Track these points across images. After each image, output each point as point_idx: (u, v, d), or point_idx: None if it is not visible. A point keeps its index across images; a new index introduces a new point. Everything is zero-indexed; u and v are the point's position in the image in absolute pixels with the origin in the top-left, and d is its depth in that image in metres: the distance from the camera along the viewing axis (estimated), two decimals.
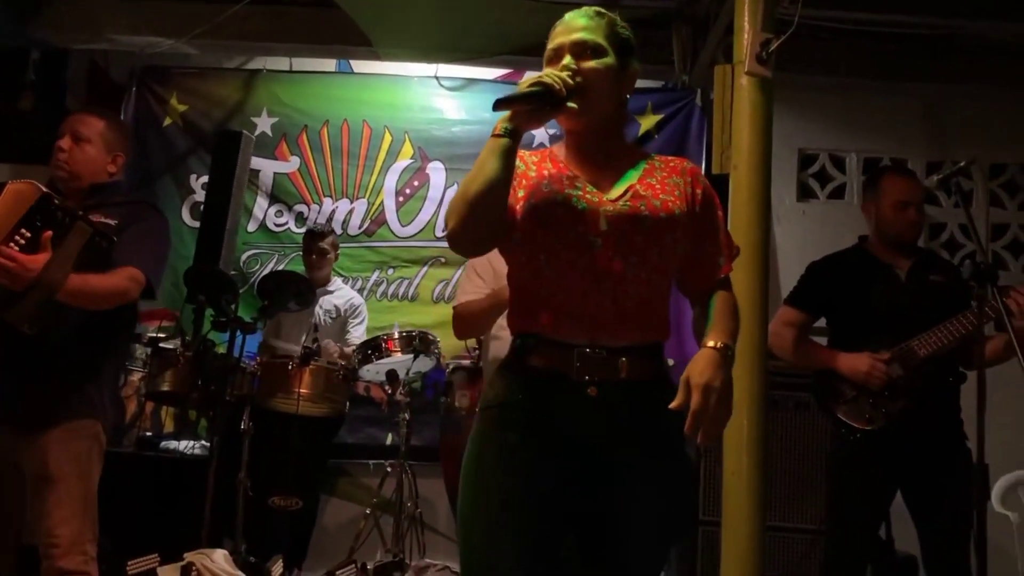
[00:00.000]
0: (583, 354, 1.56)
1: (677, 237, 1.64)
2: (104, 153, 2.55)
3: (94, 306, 2.34)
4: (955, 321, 2.73)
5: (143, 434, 4.56)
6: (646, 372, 1.60)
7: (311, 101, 5.18)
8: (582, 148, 1.71)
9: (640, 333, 1.61)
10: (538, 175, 1.67)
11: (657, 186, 1.67)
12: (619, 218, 1.60)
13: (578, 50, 1.65)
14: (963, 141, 4.94)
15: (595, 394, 1.56)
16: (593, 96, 1.63)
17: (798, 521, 3.59)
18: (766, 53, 2.55)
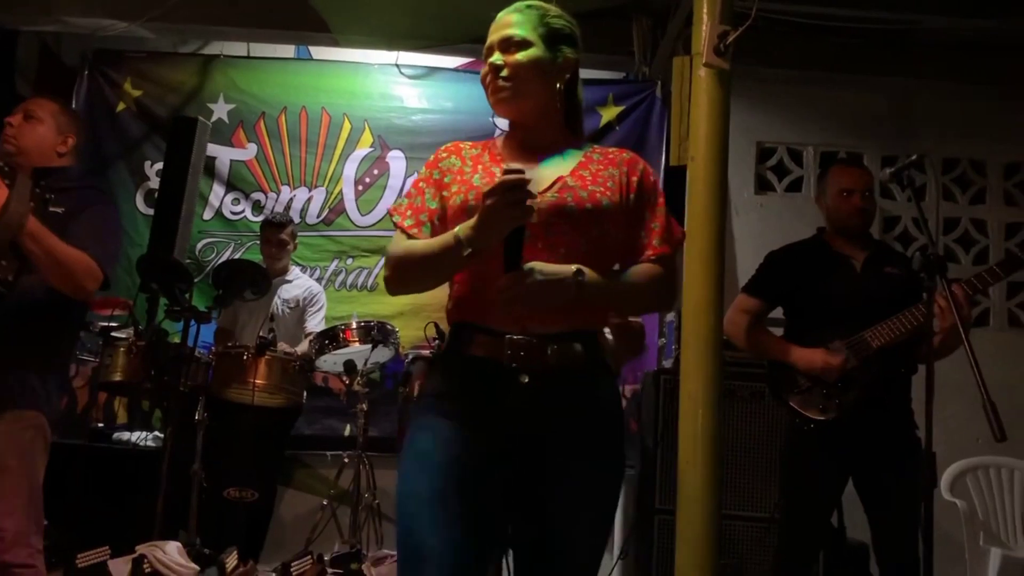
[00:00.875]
0: (513, 342, 1.59)
1: (605, 228, 1.67)
2: (54, 133, 2.50)
3: (54, 269, 2.25)
4: (907, 313, 2.78)
5: (95, 425, 4.49)
6: (577, 359, 1.63)
7: (269, 88, 5.10)
8: (520, 138, 1.77)
9: (569, 321, 1.63)
10: (473, 169, 1.71)
11: (589, 177, 1.70)
12: (546, 210, 1.62)
13: (504, 46, 1.71)
14: (918, 136, 5.02)
15: (526, 381, 1.59)
16: (521, 88, 1.69)
17: (752, 509, 3.64)
18: (724, 45, 2.55)
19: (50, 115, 2.50)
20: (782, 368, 2.94)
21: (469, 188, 1.66)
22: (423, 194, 1.74)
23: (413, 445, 1.63)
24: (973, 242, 5.09)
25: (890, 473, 2.78)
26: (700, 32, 2.63)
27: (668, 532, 3.02)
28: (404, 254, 1.68)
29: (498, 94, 1.71)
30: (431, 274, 1.69)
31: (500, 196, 1.51)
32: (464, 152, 1.76)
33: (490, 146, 1.78)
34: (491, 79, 1.71)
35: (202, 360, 3.83)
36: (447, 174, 1.73)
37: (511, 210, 1.51)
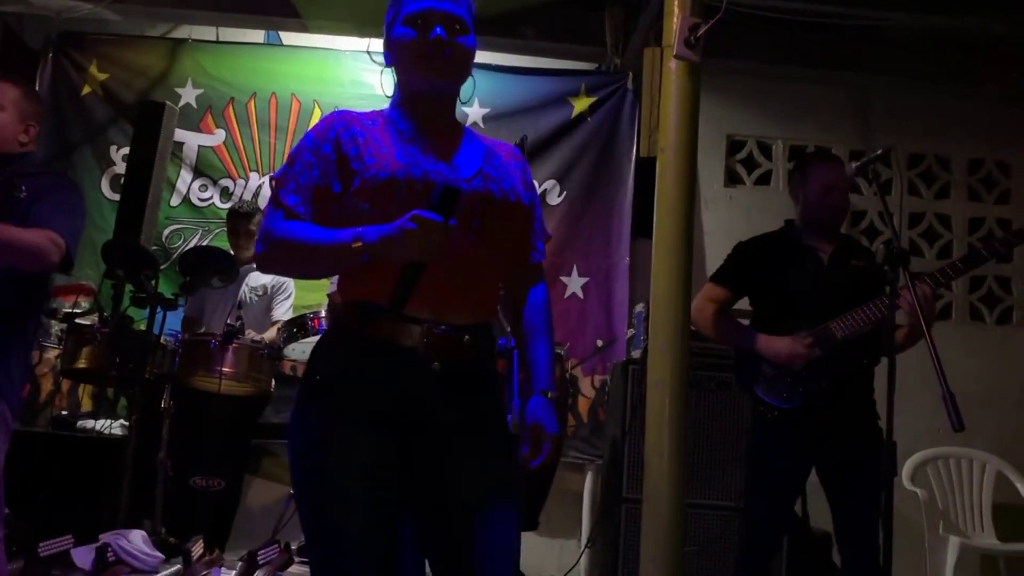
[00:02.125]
0: (430, 331, 1.57)
1: (517, 220, 1.70)
2: (16, 121, 2.44)
3: (10, 257, 2.22)
4: (872, 305, 2.82)
5: (59, 413, 4.43)
6: (484, 349, 1.66)
7: (238, 73, 5.05)
8: (422, 120, 1.68)
9: (482, 311, 1.65)
10: (384, 143, 1.62)
11: (500, 168, 1.71)
12: (472, 199, 1.60)
13: (450, 23, 1.64)
14: (885, 131, 5.09)
15: (438, 369, 1.58)
16: (461, 72, 1.68)
17: (717, 498, 3.68)
18: (694, 38, 2.58)
19: (11, 103, 2.43)
20: (748, 357, 2.97)
21: (394, 165, 1.57)
22: (310, 169, 1.60)
23: (311, 435, 1.56)
24: (937, 236, 5.17)
25: (852, 462, 2.83)
26: (671, 24, 2.65)
27: (635, 520, 3.05)
28: (290, 238, 1.56)
29: (441, 70, 1.64)
30: (320, 265, 1.65)
31: (424, 231, 1.43)
32: (362, 122, 1.65)
33: (386, 120, 1.68)
34: (434, 52, 1.62)
35: (168, 348, 3.79)
36: (351, 146, 1.60)
37: (428, 248, 1.44)
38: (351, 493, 1.51)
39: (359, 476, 1.52)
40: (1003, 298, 5.14)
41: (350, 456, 1.52)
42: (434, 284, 1.54)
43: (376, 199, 1.56)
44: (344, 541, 1.50)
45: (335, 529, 1.51)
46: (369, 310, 1.57)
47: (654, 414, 2.59)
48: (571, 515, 4.61)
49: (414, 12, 1.64)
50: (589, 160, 4.99)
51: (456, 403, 1.59)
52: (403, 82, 1.70)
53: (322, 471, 1.53)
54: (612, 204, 4.96)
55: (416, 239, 1.43)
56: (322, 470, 1.53)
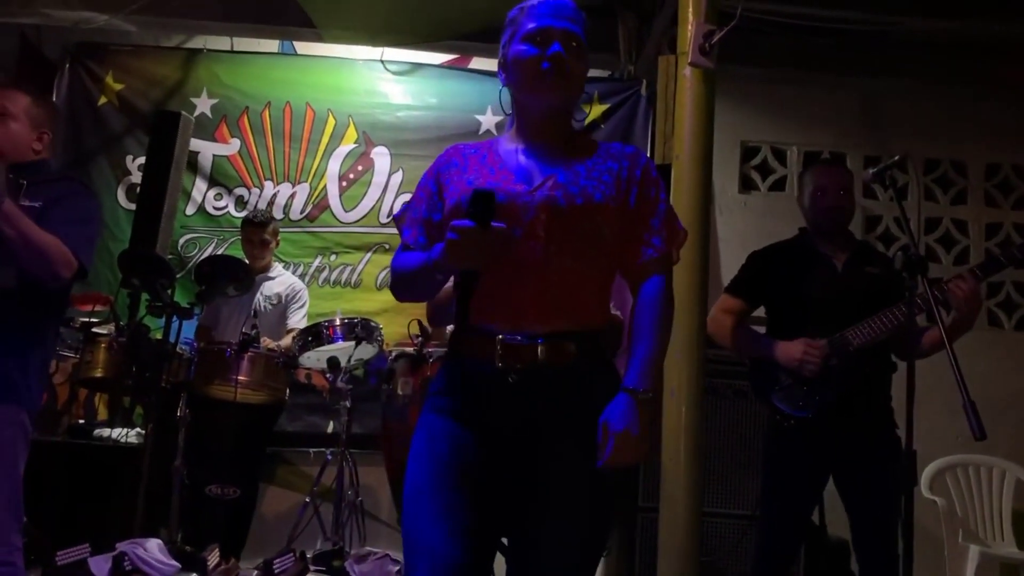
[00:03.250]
0: (503, 342, 1.59)
1: (598, 224, 1.65)
2: (29, 130, 2.45)
3: (28, 253, 2.22)
4: (888, 312, 2.79)
5: (76, 422, 4.45)
6: (568, 357, 1.61)
7: (253, 82, 5.07)
8: (526, 134, 1.73)
9: (565, 320, 1.62)
10: (469, 170, 1.70)
11: (584, 173, 1.68)
12: (536, 208, 1.61)
13: (565, 39, 1.67)
14: (900, 136, 5.06)
15: (515, 381, 1.58)
16: (573, 90, 1.71)
17: (734, 507, 3.66)
18: (709, 45, 2.58)
19: (23, 111, 2.44)
20: (764, 365, 2.95)
21: (463, 190, 1.64)
22: (421, 204, 1.75)
23: (413, 443, 1.66)
24: (954, 242, 5.13)
25: (870, 471, 2.80)
26: (685, 32, 2.64)
27: (651, 529, 3.04)
28: (398, 268, 1.73)
29: (552, 85, 1.67)
30: (419, 288, 1.74)
31: (463, 237, 1.48)
32: (464, 152, 1.75)
33: (488, 148, 1.75)
34: (551, 68, 1.65)
35: (184, 356, 3.80)
36: (446, 176, 1.72)
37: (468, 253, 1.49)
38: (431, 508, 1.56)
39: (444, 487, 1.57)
40: (1021, 304, 5.09)
41: (439, 467, 1.59)
42: (508, 295, 1.59)
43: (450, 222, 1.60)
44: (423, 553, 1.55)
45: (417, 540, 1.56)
46: (461, 329, 1.66)
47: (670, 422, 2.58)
48: None
49: (534, 30, 1.68)
50: None
51: (535, 415, 1.60)
52: (519, 100, 1.74)
53: (410, 477, 1.62)
54: None
55: (457, 247, 1.49)
56: (410, 476, 1.62)
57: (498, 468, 1.59)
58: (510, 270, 1.58)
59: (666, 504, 2.59)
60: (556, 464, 1.60)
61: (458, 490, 1.57)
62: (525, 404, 1.60)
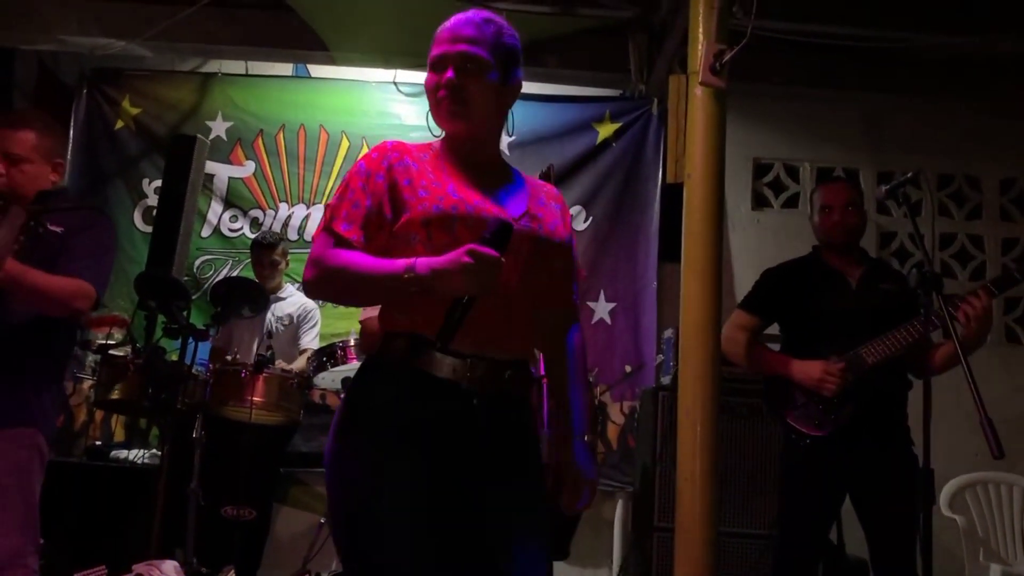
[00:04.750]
0: (473, 365, 1.58)
1: (559, 260, 1.73)
2: (43, 165, 2.47)
3: (37, 304, 2.27)
4: (903, 329, 2.78)
5: (93, 443, 4.47)
6: (524, 386, 1.67)
7: (267, 105, 5.12)
8: (461, 153, 1.71)
9: (522, 348, 1.68)
10: (437, 178, 1.64)
11: (545, 209, 1.73)
12: (520, 239, 1.61)
13: (462, 64, 1.64)
14: (913, 152, 5.04)
15: (479, 404, 1.58)
16: (476, 112, 1.65)
17: (750, 526, 3.63)
18: (720, 64, 2.58)
19: (31, 150, 2.44)
20: (779, 384, 2.94)
21: (448, 200, 1.60)
22: (363, 197, 1.61)
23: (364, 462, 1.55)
24: (970, 257, 5.10)
25: (887, 489, 2.78)
26: (696, 51, 2.65)
27: (667, 549, 3.01)
28: (340, 265, 1.56)
29: (451, 113, 1.65)
30: (368, 294, 1.68)
31: (482, 265, 1.45)
32: (415, 155, 1.67)
33: (438, 155, 1.70)
34: (444, 95, 1.64)
35: (200, 378, 3.82)
36: (405, 176, 1.62)
37: (482, 282, 1.46)
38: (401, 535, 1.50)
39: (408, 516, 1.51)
40: None
41: (397, 495, 1.51)
42: (478, 319, 1.54)
43: (429, 231, 1.58)
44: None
45: (378, 566, 1.51)
46: (416, 342, 1.58)
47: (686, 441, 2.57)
48: (602, 543, 4.57)
49: (433, 58, 1.68)
50: (614, 185, 5.00)
51: (495, 438, 1.60)
52: None
53: (369, 510, 1.52)
54: (638, 229, 4.96)
55: (472, 273, 1.45)
56: (369, 509, 1.52)
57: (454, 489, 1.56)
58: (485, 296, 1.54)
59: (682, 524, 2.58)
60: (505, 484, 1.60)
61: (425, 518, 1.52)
62: (484, 426, 1.59)
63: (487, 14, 1.71)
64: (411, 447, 1.54)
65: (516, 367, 1.64)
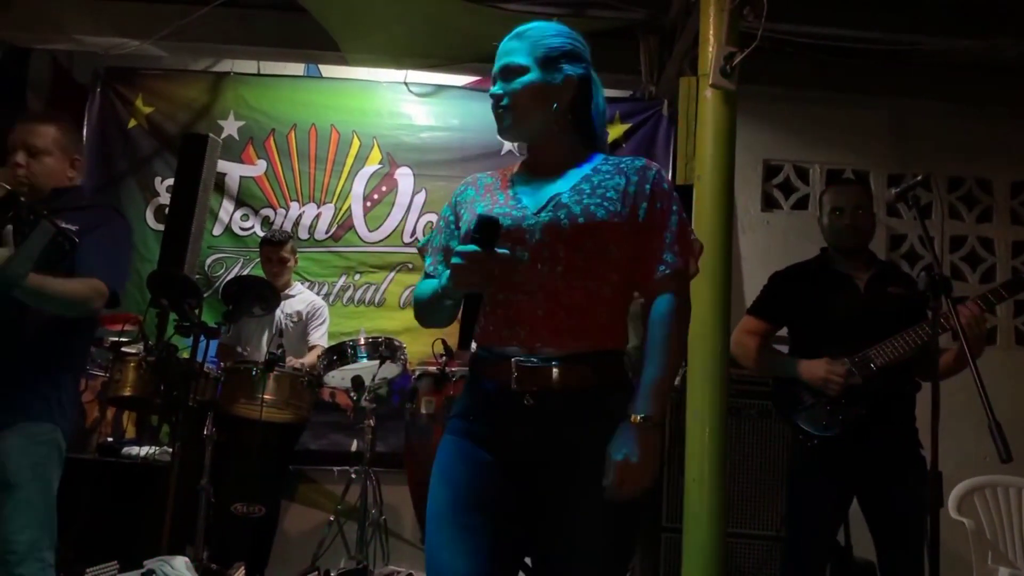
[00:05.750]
0: (518, 365, 1.61)
1: (603, 241, 1.64)
2: (62, 161, 2.52)
3: (54, 309, 2.31)
4: (911, 332, 2.79)
5: (104, 440, 4.50)
6: (586, 380, 1.61)
7: (279, 105, 5.15)
8: (532, 160, 1.80)
9: (579, 342, 1.62)
10: (482, 198, 1.76)
11: (588, 191, 1.68)
12: (540, 229, 1.64)
13: (504, 75, 1.74)
14: (923, 154, 5.04)
15: (531, 404, 1.60)
16: (520, 115, 1.72)
17: (758, 527, 3.63)
18: (730, 67, 2.59)
19: (52, 143, 2.50)
20: (787, 385, 2.95)
21: (473, 216, 1.66)
22: (441, 232, 1.81)
23: (435, 465, 1.69)
24: (980, 260, 5.09)
25: (894, 491, 2.78)
26: (707, 54, 2.66)
27: (675, 550, 3.02)
28: (418, 296, 1.78)
29: (500, 123, 1.76)
30: (434, 314, 1.77)
31: (467, 261, 1.54)
32: (479, 181, 1.81)
33: (503, 174, 1.82)
34: (496, 111, 1.76)
35: (211, 376, 3.84)
36: (463, 206, 1.78)
37: (471, 277, 1.55)
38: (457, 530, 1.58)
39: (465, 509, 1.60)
40: None
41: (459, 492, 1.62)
42: (520, 318, 1.61)
43: None
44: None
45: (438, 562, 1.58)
46: (480, 353, 1.71)
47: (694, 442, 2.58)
48: None
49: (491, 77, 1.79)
50: None
51: (550, 438, 1.61)
52: None
53: (432, 501, 1.65)
54: None
55: (461, 270, 1.53)
56: (432, 500, 1.65)
57: (516, 490, 1.61)
58: (522, 294, 1.61)
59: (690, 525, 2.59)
60: (572, 487, 1.61)
61: (479, 513, 1.58)
62: (541, 426, 1.61)
63: (533, 24, 1.79)
64: (474, 450, 1.64)
65: (569, 361, 1.61)
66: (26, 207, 2.21)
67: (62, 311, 2.34)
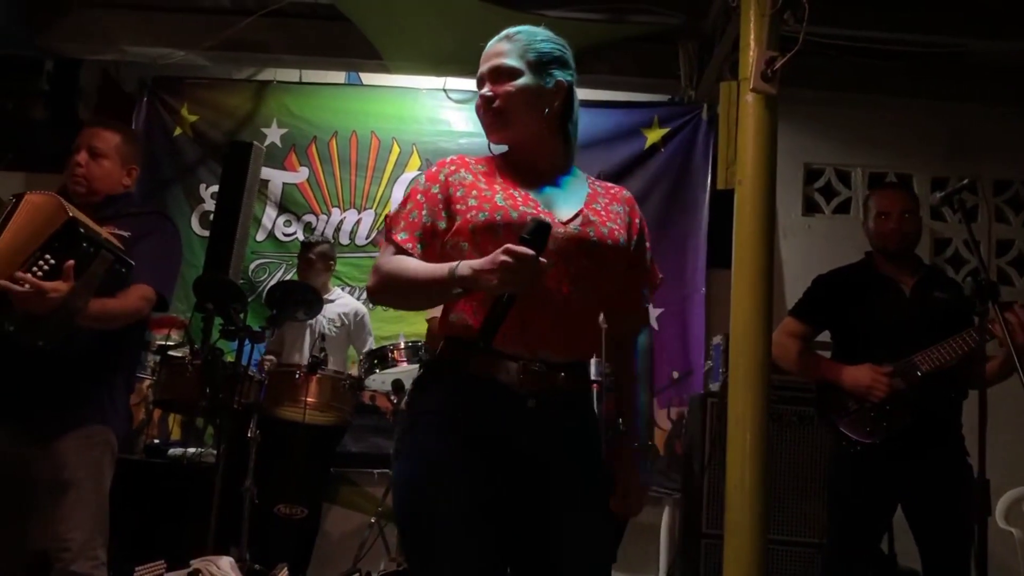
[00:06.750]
0: (526, 367, 1.61)
1: (616, 263, 1.71)
2: (120, 167, 2.59)
3: (109, 327, 2.38)
4: (958, 338, 2.75)
5: (151, 441, 4.59)
6: (579, 387, 1.70)
7: (320, 112, 5.22)
8: (517, 163, 1.76)
9: (578, 352, 1.70)
10: (489, 187, 1.69)
11: (603, 212, 1.73)
12: (569, 241, 1.64)
13: (494, 76, 1.72)
14: (968, 157, 4.97)
15: (533, 406, 1.61)
16: (513, 118, 1.71)
17: (800, 534, 3.60)
18: (771, 71, 2.57)
19: (114, 149, 2.57)
20: (831, 390, 2.92)
21: (494, 208, 1.64)
22: (420, 208, 1.70)
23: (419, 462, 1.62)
24: None
25: (940, 499, 2.75)
26: (747, 58, 2.65)
27: (715, 556, 3.01)
28: (395, 271, 1.64)
29: (490, 125, 1.73)
30: (419, 298, 1.74)
31: (519, 263, 1.48)
32: (472, 167, 1.74)
33: (496, 165, 1.76)
34: (483, 110, 1.73)
35: (255, 379, 3.90)
36: (459, 187, 1.69)
37: (519, 279, 1.49)
38: (454, 535, 1.56)
39: (461, 516, 1.56)
40: None
41: (451, 495, 1.57)
42: (531, 323, 1.60)
43: (476, 239, 1.63)
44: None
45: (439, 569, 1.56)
46: (462, 345, 1.64)
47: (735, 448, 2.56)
48: (649, 550, 4.56)
49: (477, 77, 1.78)
50: (662, 191, 5.00)
51: (551, 440, 1.63)
52: None
53: (424, 508, 1.59)
54: (686, 234, 4.95)
55: (509, 271, 1.48)
56: (424, 507, 1.59)
57: (510, 491, 1.60)
58: (534, 298, 1.59)
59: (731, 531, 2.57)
60: (571, 486, 1.63)
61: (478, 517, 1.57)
62: (540, 429, 1.62)
63: (520, 28, 1.78)
64: (466, 450, 1.59)
65: (571, 369, 1.67)
66: (86, 240, 2.22)
67: (117, 325, 2.40)
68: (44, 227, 2.21)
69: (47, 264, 2.17)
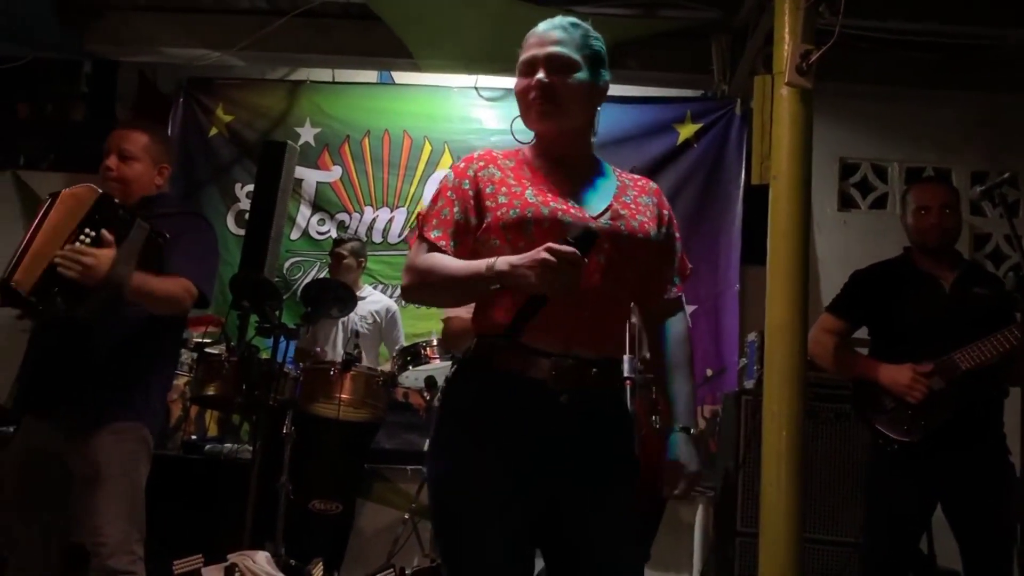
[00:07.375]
0: (558, 363, 1.61)
1: (645, 256, 1.71)
2: (151, 167, 2.62)
3: (151, 307, 2.41)
4: (999, 335, 2.70)
5: (188, 437, 4.65)
6: (610, 383, 1.71)
7: (353, 112, 5.26)
8: (552, 156, 1.75)
9: (610, 347, 1.71)
10: (518, 182, 1.69)
11: (632, 206, 1.73)
12: (602, 235, 1.62)
13: (552, 64, 1.68)
14: (1008, 151, 4.87)
15: (567, 401, 1.61)
16: (566, 110, 1.69)
17: (836, 533, 3.56)
18: (806, 64, 2.54)
19: (143, 150, 2.61)
20: (868, 388, 2.89)
21: (525, 204, 1.64)
22: (452, 205, 1.69)
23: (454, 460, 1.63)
24: None
25: (980, 499, 2.71)
26: (782, 51, 2.62)
27: (750, 555, 2.99)
28: (430, 268, 1.64)
29: (542, 112, 1.69)
30: (455, 294, 1.74)
31: (562, 263, 1.47)
32: (500, 162, 1.73)
33: (524, 161, 1.75)
34: (536, 96, 1.68)
35: (291, 376, 3.94)
36: (488, 184, 1.69)
37: (561, 280, 1.48)
38: (486, 532, 1.57)
39: (494, 513, 1.58)
40: None
41: (483, 492, 1.59)
42: (562, 318, 1.60)
43: (507, 235, 1.63)
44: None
45: (471, 566, 1.58)
46: (494, 343, 1.64)
47: (770, 446, 2.54)
48: (683, 548, 4.54)
49: (523, 62, 1.73)
50: (695, 186, 4.97)
51: (584, 436, 1.63)
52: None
53: (457, 505, 1.61)
54: (719, 230, 4.92)
55: (551, 270, 1.48)
56: (457, 504, 1.61)
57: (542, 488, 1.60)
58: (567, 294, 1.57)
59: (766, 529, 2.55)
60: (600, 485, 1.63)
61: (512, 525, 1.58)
62: (573, 425, 1.62)
63: (573, 20, 1.77)
64: (498, 446, 1.60)
65: (603, 365, 1.67)
66: (121, 207, 2.32)
67: (159, 309, 2.43)
68: (79, 208, 2.32)
69: (88, 237, 2.27)
